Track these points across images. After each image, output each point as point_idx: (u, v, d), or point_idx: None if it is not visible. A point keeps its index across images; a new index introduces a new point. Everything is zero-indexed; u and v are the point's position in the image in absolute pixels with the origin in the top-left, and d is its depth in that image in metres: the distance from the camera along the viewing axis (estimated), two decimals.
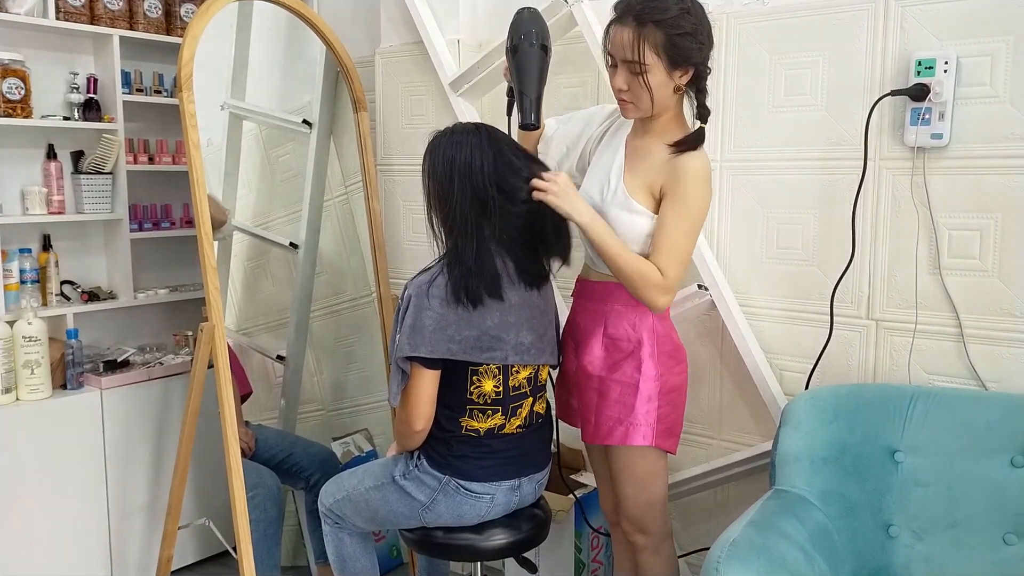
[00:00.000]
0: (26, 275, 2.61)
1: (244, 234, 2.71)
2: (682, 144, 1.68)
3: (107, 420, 2.58)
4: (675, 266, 1.66)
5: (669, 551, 1.89)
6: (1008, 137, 1.74)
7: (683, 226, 1.66)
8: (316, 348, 2.83)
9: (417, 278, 1.75)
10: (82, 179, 2.71)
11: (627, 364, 1.76)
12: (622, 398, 1.76)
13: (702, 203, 1.69)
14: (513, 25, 1.84)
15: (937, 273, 1.85)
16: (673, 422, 1.80)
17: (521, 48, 1.80)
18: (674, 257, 1.65)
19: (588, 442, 1.85)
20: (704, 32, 1.66)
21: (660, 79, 1.65)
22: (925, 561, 1.67)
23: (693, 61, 1.65)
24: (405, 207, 2.75)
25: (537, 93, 1.81)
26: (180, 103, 2.15)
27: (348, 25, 2.86)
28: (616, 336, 1.78)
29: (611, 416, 1.77)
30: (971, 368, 1.82)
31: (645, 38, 1.61)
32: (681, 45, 1.62)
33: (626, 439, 1.76)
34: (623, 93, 1.69)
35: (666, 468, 1.85)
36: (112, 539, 2.61)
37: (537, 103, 1.81)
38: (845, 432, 1.76)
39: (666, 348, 1.78)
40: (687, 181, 1.66)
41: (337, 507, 1.93)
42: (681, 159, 1.67)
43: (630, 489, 1.82)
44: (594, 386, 1.80)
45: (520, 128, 1.83)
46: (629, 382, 1.75)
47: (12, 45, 2.59)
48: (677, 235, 1.66)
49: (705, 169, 1.68)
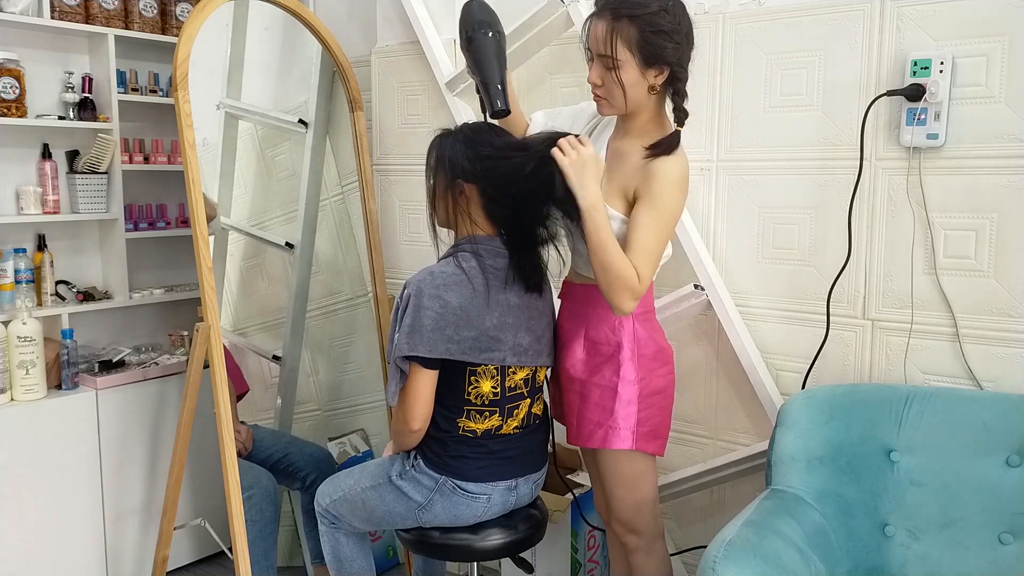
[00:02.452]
0: (21, 275, 2.60)
1: (240, 234, 2.70)
2: (656, 148, 1.66)
3: (103, 420, 2.57)
4: (647, 268, 1.63)
5: (662, 551, 1.89)
6: (1003, 137, 1.74)
7: (654, 229, 1.64)
8: (312, 348, 2.83)
9: (416, 277, 1.74)
10: (77, 179, 2.70)
11: (606, 367, 1.76)
12: (601, 401, 1.76)
13: (674, 207, 1.66)
14: (462, 20, 1.85)
15: (933, 273, 1.85)
16: (657, 424, 1.79)
17: (475, 39, 1.81)
18: (646, 259, 1.63)
19: (571, 444, 1.85)
20: (682, 33, 1.64)
21: (633, 77, 1.63)
22: (921, 561, 1.67)
23: (668, 61, 1.63)
24: (401, 207, 2.74)
25: (500, 79, 1.81)
26: (176, 102, 2.14)
27: (344, 25, 2.86)
28: (596, 339, 1.78)
29: (591, 419, 1.77)
30: (967, 368, 1.83)
31: (619, 32, 1.61)
32: (655, 43, 1.61)
33: (606, 442, 1.76)
34: (597, 88, 1.69)
35: (654, 469, 1.85)
36: (108, 539, 2.60)
37: (503, 88, 1.81)
38: (841, 432, 1.76)
39: (648, 351, 1.77)
40: (660, 184, 1.63)
41: (333, 507, 1.93)
42: (655, 163, 1.65)
43: (618, 491, 1.82)
44: (575, 389, 1.80)
45: (491, 117, 1.83)
46: (608, 385, 1.75)
47: (7, 44, 2.58)
48: (649, 237, 1.63)
49: (680, 172, 1.66)
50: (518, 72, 2.42)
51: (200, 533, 2.77)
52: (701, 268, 2.08)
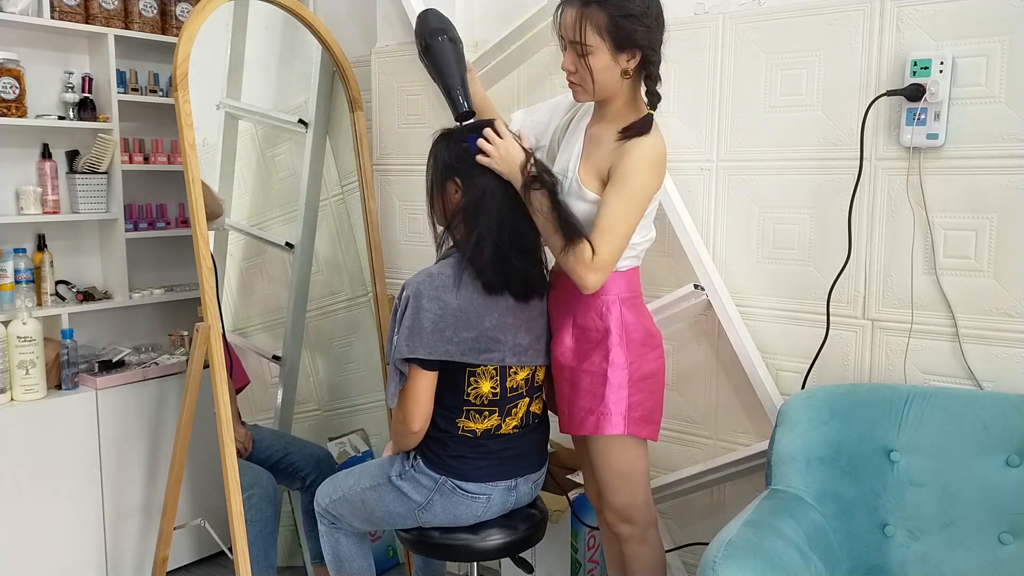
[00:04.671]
0: (21, 275, 2.60)
1: (240, 234, 2.70)
2: (629, 130, 1.67)
3: (102, 420, 2.57)
4: (607, 246, 1.63)
5: (655, 539, 1.89)
6: (1003, 137, 1.74)
7: (621, 207, 1.65)
8: (312, 348, 2.83)
9: (415, 278, 1.74)
10: (77, 179, 2.70)
11: (595, 353, 1.76)
12: (592, 388, 1.76)
13: (645, 186, 1.67)
14: (417, 30, 1.90)
15: (933, 273, 1.85)
16: (649, 409, 1.80)
17: (433, 46, 1.86)
18: (607, 237, 1.64)
19: (563, 432, 1.85)
20: (652, 16, 1.64)
21: (604, 62, 1.65)
22: (921, 561, 1.67)
23: (639, 44, 1.64)
24: (401, 207, 2.74)
25: (461, 80, 1.85)
26: (176, 102, 2.14)
27: (344, 25, 2.86)
28: (584, 326, 1.78)
29: (583, 406, 1.77)
30: (967, 368, 1.83)
31: (588, 18, 1.62)
32: (625, 27, 1.62)
33: (598, 428, 1.76)
34: (571, 75, 1.71)
35: (646, 456, 1.84)
36: (107, 540, 2.60)
37: (464, 90, 1.85)
38: (841, 432, 1.76)
39: (636, 336, 1.77)
40: (631, 163, 1.65)
41: (333, 507, 1.93)
42: (628, 145, 1.66)
43: (610, 478, 1.82)
44: (566, 377, 1.81)
45: (457, 120, 1.85)
46: (598, 371, 1.75)
47: (7, 44, 2.58)
48: (614, 215, 1.65)
49: (652, 152, 1.67)
50: (518, 72, 2.42)
51: (200, 533, 2.77)
52: (701, 268, 2.08)
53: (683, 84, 2.13)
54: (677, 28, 1.74)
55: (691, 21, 2.10)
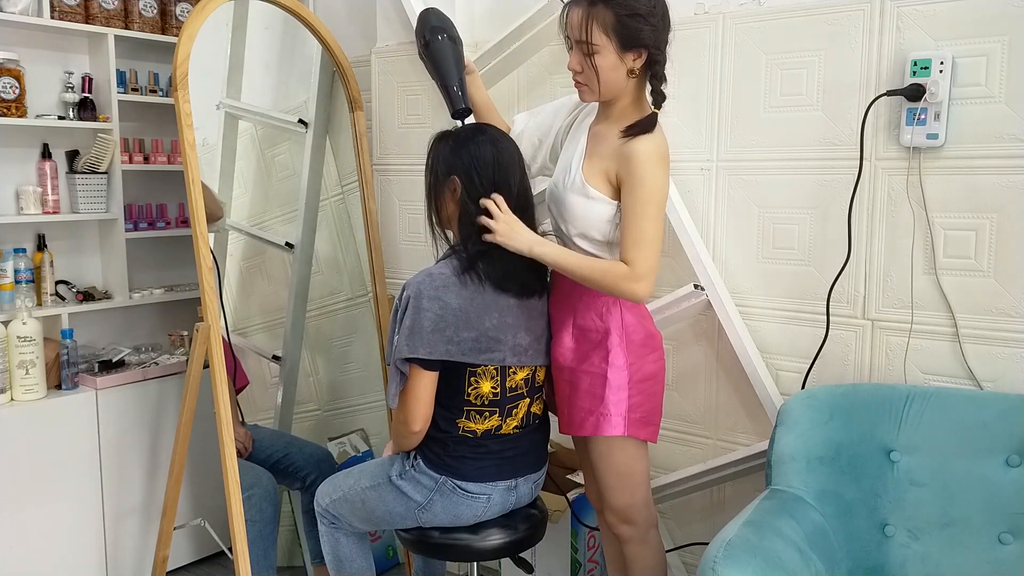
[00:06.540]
0: (21, 275, 2.60)
1: (240, 233, 2.70)
2: (633, 129, 1.67)
3: (102, 420, 2.57)
4: (643, 253, 1.65)
5: (656, 540, 1.89)
6: (1003, 137, 1.74)
7: (644, 211, 1.65)
8: (312, 348, 2.83)
9: (415, 279, 1.74)
10: (77, 179, 2.70)
11: (595, 354, 1.76)
12: (592, 388, 1.76)
13: (658, 184, 1.67)
14: (418, 28, 1.91)
15: (933, 273, 1.85)
16: (649, 410, 1.80)
17: (432, 44, 1.87)
18: (641, 244, 1.65)
19: (563, 432, 1.85)
20: (658, 15, 1.65)
21: (611, 61, 1.65)
22: (921, 561, 1.67)
23: (645, 43, 1.64)
24: (401, 207, 2.74)
25: (459, 78, 1.87)
26: (175, 102, 2.14)
27: (344, 24, 2.86)
28: (584, 327, 1.78)
29: (582, 407, 1.77)
30: (967, 368, 1.83)
31: (594, 18, 1.62)
32: (631, 26, 1.62)
33: (598, 429, 1.76)
34: (577, 75, 1.71)
35: (646, 457, 1.84)
36: (107, 539, 2.60)
37: (462, 88, 1.86)
38: (841, 432, 1.76)
39: (637, 337, 1.77)
40: (639, 164, 1.65)
41: (333, 507, 1.93)
42: (631, 143, 1.66)
43: (610, 479, 1.82)
44: (566, 377, 1.81)
45: (454, 117, 1.87)
46: (598, 372, 1.75)
47: (7, 44, 2.58)
48: (640, 221, 1.65)
49: (657, 150, 1.67)
50: (518, 72, 2.42)
51: (200, 533, 2.76)
52: (701, 268, 2.08)
53: (683, 84, 2.13)
54: (677, 28, 1.73)
55: (691, 21, 2.10)
